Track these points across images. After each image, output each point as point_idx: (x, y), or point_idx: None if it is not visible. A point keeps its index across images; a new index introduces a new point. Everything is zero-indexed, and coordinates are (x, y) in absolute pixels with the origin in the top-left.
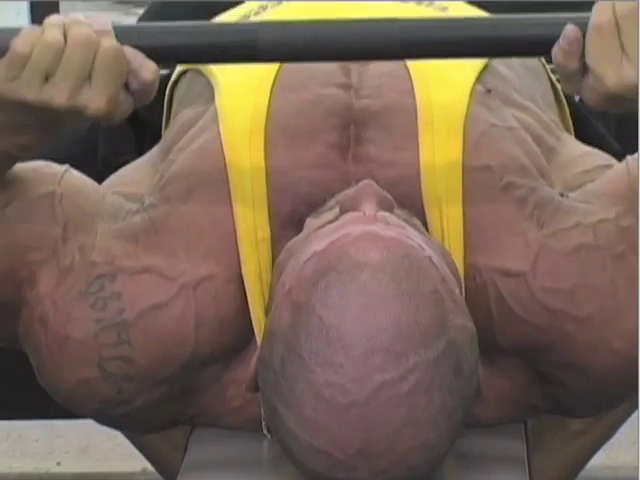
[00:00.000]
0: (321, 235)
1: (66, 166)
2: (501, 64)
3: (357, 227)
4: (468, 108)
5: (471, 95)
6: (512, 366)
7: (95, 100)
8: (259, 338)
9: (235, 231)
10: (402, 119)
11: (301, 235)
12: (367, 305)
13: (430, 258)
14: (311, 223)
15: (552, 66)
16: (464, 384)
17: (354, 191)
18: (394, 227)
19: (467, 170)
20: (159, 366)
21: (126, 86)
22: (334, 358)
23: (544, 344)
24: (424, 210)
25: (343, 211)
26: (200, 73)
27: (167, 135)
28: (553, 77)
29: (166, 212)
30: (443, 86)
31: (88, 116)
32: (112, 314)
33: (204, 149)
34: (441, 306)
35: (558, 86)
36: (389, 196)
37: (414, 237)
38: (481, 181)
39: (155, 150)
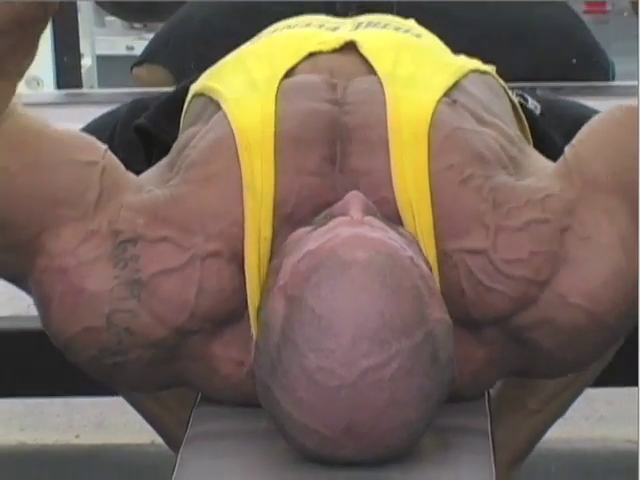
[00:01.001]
0: (313, 237)
1: (106, 145)
2: (470, 84)
3: (346, 229)
4: (433, 117)
5: (437, 106)
6: (488, 336)
7: None
8: (252, 317)
9: (243, 224)
10: (376, 132)
11: (295, 237)
12: (355, 298)
13: (411, 258)
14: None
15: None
16: (440, 371)
17: (343, 200)
18: (379, 230)
19: (433, 172)
20: (158, 325)
21: None
22: (325, 345)
23: (512, 309)
24: (398, 211)
25: (333, 217)
26: (201, 95)
27: (174, 148)
28: (513, 97)
29: (186, 191)
30: (412, 101)
31: None
32: (129, 273)
33: (219, 145)
34: (420, 300)
35: (517, 104)
36: (372, 204)
37: (396, 239)
38: (444, 179)
39: (163, 162)
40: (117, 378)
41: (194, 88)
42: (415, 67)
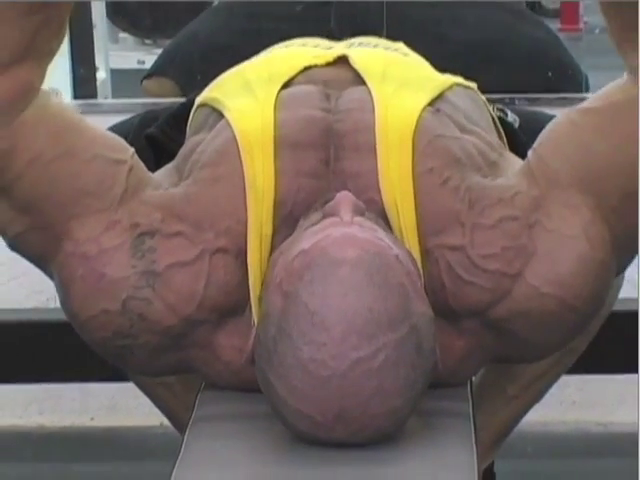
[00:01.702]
0: (306, 236)
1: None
2: (453, 96)
3: (336, 230)
4: (417, 124)
5: (422, 114)
6: (467, 327)
7: None
8: (254, 309)
9: (247, 222)
10: (365, 137)
11: (291, 237)
12: (345, 294)
13: (397, 256)
14: (302, 223)
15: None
16: (424, 360)
17: (334, 200)
18: (367, 230)
19: (416, 174)
20: (170, 313)
21: None
22: (317, 338)
23: (489, 301)
24: (385, 211)
25: (325, 216)
26: (205, 105)
27: (179, 154)
28: (492, 112)
29: (198, 191)
30: (399, 108)
31: None
32: (146, 263)
33: (224, 149)
34: (406, 296)
35: (495, 118)
36: (362, 204)
37: (384, 238)
38: (426, 181)
39: (169, 166)
40: (125, 360)
41: (198, 100)
42: (402, 80)
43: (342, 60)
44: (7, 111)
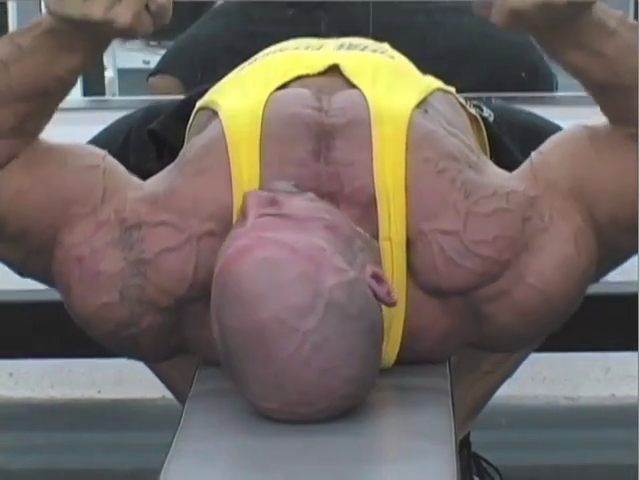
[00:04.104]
0: (224, 247)
1: (105, 151)
2: (435, 101)
3: (237, 243)
4: (410, 120)
5: (412, 113)
6: (453, 306)
7: (123, 14)
8: None
9: (232, 206)
10: (360, 130)
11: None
12: (253, 310)
13: (293, 246)
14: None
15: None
16: (356, 322)
17: (243, 201)
18: (267, 228)
19: (410, 163)
20: (163, 295)
21: (147, 8)
22: (252, 351)
23: (477, 283)
24: (375, 196)
25: (243, 217)
26: (205, 108)
27: (180, 154)
28: (471, 110)
29: (182, 183)
30: (391, 107)
31: (118, 29)
32: (136, 253)
33: (211, 144)
34: (311, 280)
35: (477, 116)
36: (267, 193)
37: (283, 230)
38: (421, 169)
39: (171, 165)
40: (134, 351)
41: (199, 104)
42: (390, 84)
43: (333, 68)
44: None
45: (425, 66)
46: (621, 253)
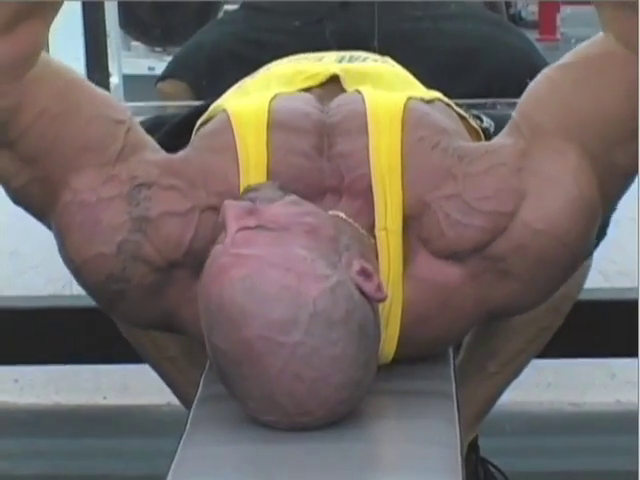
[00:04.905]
0: (210, 259)
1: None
2: (434, 107)
3: (217, 262)
4: (405, 107)
5: (408, 101)
6: (473, 266)
7: None
8: None
9: (239, 189)
10: (356, 121)
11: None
12: (239, 329)
13: (271, 262)
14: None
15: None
16: (342, 328)
17: (221, 214)
18: (246, 244)
19: (406, 143)
20: (157, 256)
21: None
22: (245, 372)
23: (487, 239)
24: (371, 179)
25: (222, 228)
26: (211, 117)
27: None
28: (472, 122)
29: (196, 154)
30: (387, 100)
31: None
32: (140, 210)
33: (219, 128)
34: (292, 293)
35: (477, 128)
36: (246, 203)
37: (262, 243)
38: (417, 147)
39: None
40: (116, 306)
41: (202, 119)
42: (390, 86)
43: (334, 79)
44: (14, 70)
45: (430, 73)
46: (618, 169)
